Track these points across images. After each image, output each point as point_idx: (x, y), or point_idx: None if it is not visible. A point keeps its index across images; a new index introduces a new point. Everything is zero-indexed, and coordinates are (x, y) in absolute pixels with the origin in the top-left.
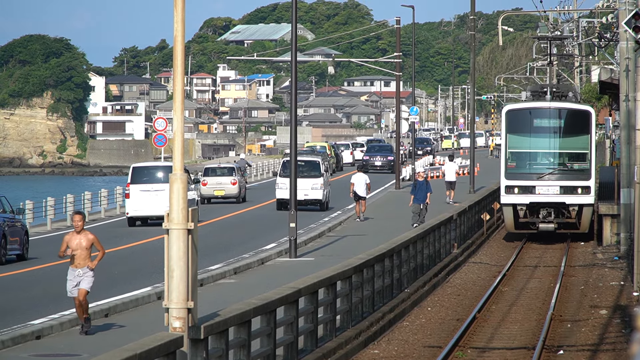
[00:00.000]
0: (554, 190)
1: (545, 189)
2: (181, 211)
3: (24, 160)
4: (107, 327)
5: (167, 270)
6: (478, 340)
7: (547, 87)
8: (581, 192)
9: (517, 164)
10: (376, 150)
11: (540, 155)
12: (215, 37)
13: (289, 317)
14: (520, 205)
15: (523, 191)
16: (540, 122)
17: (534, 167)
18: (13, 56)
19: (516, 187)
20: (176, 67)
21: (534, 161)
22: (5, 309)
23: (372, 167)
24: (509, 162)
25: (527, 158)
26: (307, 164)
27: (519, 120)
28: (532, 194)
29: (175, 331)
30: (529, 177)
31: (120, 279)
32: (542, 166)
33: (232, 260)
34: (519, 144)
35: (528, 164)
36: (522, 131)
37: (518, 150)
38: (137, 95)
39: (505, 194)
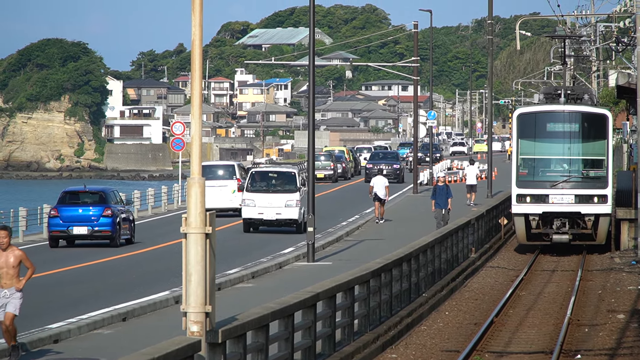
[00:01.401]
0: (568, 199)
1: (559, 197)
2: (199, 215)
3: (41, 164)
4: (125, 331)
5: (185, 275)
6: (495, 344)
7: (561, 89)
8: (597, 201)
9: (529, 171)
10: (380, 158)
11: (554, 161)
12: (233, 41)
13: (306, 322)
14: (532, 215)
15: (535, 200)
16: (553, 127)
17: (547, 174)
18: (31, 60)
19: (528, 195)
20: (194, 71)
21: (547, 168)
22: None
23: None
24: (521, 169)
25: (539, 165)
26: (280, 176)
27: (531, 124)
28: (545, 203)
29: (193, 335)
30: (541, 185)
31: (138, 282)
32: (555, 173)
33: (250, 264)
34: (531, 149)
35: (541, 171)
36: (535, 136)
37: (530, 156)
38: (154, 99)
39: (517, 203)
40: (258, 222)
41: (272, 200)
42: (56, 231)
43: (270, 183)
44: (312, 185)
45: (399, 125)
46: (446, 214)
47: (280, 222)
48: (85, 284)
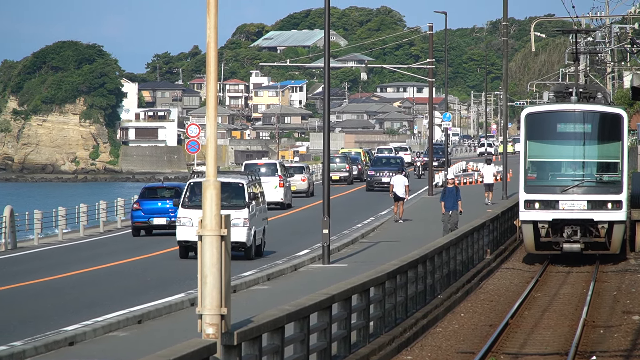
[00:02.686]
0: (580, 205)
1: (571, 203)
2: (214, 218)
3: (56, 166)
4: (140, 333)
5: (201, 277)
6: (511, 346)
7: (572, 87)
8: (611, 207)
9: (538, 175)
10: (383, 164)
11: (565, 165)
12: (248, 43)
13: (322, 324)
14: (541, 223)
15: (545, 206)
16: (564, 127)
17: (558, 178)
18: (46, 62)
19: (537, 201)
20: (209, 73)
21: (558, 172)
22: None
23: (378, 184)
24: (529, 172)
25: (549, 168)
26: (224, 189)
27: (540, 124)
28: (555, 209)
29: (208, 337)
30: (551, 190)
31: (153, 284)
32: (566, 177)
33: (265, 266)
34: (541, 152)
35: (550, 175)
36: (544, 137)
37: (539, 159)
38: (169, 101)
39: (525, 209)
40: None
41: None
42: (139, 222)
43: None
44: (327, 187)
45: (414, 127)
46: (454, 216)
47: None
48: (102, 286)
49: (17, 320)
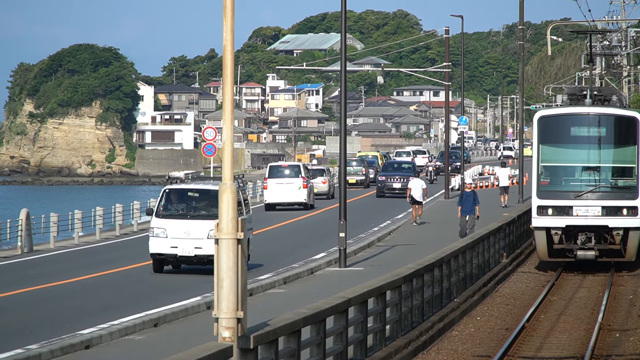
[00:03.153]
0: (594, 211)
1: (585, 209)
2: (231, 221)
3: (72, 169)
4: (156, 336)
5: (217, 280)
6: (527, 349)
7: (586, 89)
8: (627, 213)
9: (551, 180)
10: (394, 169)
11: (579, 169)
12: (265, 46)
13: (338, 327)
14: (554, 229)
15: (558, 212)
16: (578, 131)
17: (571, 183)
18: (62, 65)
19: (550, 207)
20: (225, 76)
21: (571, 177)
22: (56, 319)
23: (389, 190)
24: (542, 178)
25: (563, 173)
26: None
27: (553, 128)
28: (569, 215)
29: (224, 341)
30: (565, 196)
31: (170, 287)
32: (580, 183)
33: (282, 269)
34: (554, 156)
35: (564, 180)
36: (558, 141)
37: (552, 164)
38: (186, 104)
39: (538, 215)
40: (172, 259)
41: (190, 230)
42: None
43: (190, 206)
44: (344, 191)
45: (430, 131)
46: (472, 220)
47: (202, 259)
48: (118, 289)
49: (33, 324)
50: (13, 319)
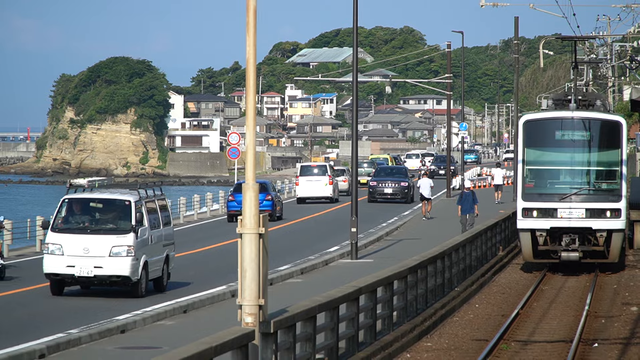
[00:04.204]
0: (578, 213)
1: (569, 212)
2: (253, 217)
3: (109, 170)
4: (185, 322)
5: (241, 271)
6: (521, 334)
7: (571, 94)
8: (610, 215)
9: (536, 183)
10: (386, 174)
11: (563, 172)
12: (284, 59)
13: (350, 313)
14: (539, 231)
15: (543, 214)
16: (563, 134)
17: (556, 186)
18: (100, 76)
19: (535, 209)
20: (248, 86)
21: (556, 180)
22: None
23: (380, 195)
24: (527, 180)
25: (547, 176)
26: (107, 207)
27: (538, 132)
28: (554, 217)
29: (247, 326)
30: (549, 198)
31: (197, 278)
32: (565, 185)
33: (299, 261)
34: (539, 159)
35: (549, 183)
36: (542, 145)
37: (537, 167)
38: (212, 112)
39: (523, 217)
40: (69, 279)
41: (89, 246)
42: (233, 210)
43: (92, 218)
44: (355, 190)
45: (433, 136)
46: (471, 218)
47: (103, 280)
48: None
49: (74, 310)
50: (58, 307)
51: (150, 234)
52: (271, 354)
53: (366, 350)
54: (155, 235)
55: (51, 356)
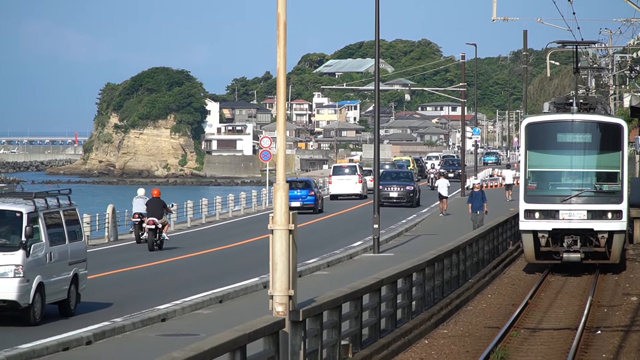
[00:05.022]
0: (580, 215)
1: (570, 213)
2: (284, 215)
3: (151, 172)
4: (221, 311)
5: (272, 264)
6: (530, 322)
7: (572, 98)
8: (612, 217)
9: (538, 185)
10: (392, 178)
11: (565, 174)
12: (311, 69)
13: (373, 303)
14: (541, 232)
15: (545, 216)
16: (564, 137)
17: (558, 188)
18: (142, 85)
19: (537, 211)
20: (279, 94)
21: (558, 182)
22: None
23: (385, 199)
24: (529, 182)
25: (549, 178)
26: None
27: (540, 134)
28: (555, 219)
29: (278, 315)
30: (551, 200)
31: (232, 270)
32: (566, 187)
33: (326, 255)
34: (541, 161)
35: (551, 185)
36: (544, 147)
37: (539, 169)
38: (246, 118)
39: (525, 219)
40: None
41: None
42: None
43: None
44: (377, 190)
45: (449, 140)
46: (481, 216)
47: None
48: (190, 272)
49: (118, 300)
50: (104, 296)
51: (49, 251)
52: (300, 341)
53: (387, 337)
54: (58, 252)
55: (97, 342)
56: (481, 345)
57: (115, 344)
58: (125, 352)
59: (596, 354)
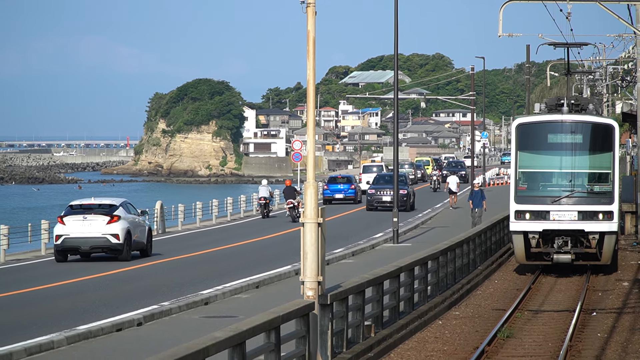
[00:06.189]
0: (570, 215)
1: (561, 214)
2: (313, 209)
3: (195, 171)
4: (258, 295)
5: (303, 253)
6: (533, 304)
7: (563, 98)
8: (603, 218)
9: (528, 186)
10: (386, 182)
11: (556, 175)
12: (337, 80)
13: (392, 288)
14: (532, 233)
15: (535, 217)
16: (555, 138)
17: (548, 189)
18: (187, 94)
19: (527, 212)
20: (309, 103)
21: (549, 182)
22: (183, 282)
23: (378, 203)
24: (520, 183)
25: (540, 179)
26: None
27: (531, 135)
28: (546, 220)
29: (308, 298)
30: (542, 201)
31: (267, 260)
32: (557, 188)
33: (351, 245)
34: (531, 162)
35: (541, 185)
36: (535, 148)
37: (530, 169)
38: (279, 123)
39: (515, 220)
40: None
41: None
42: (327, 196)
43: None
44: (396, 187)
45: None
46: (480, 212)
47: None
48: (230, 260)
49: (165, 287)
50: (153, 283)
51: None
52: (328, 322)
53: (405, 318)
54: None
55: (147, 324)
56: (489, 325)
57: (164, 325)
58: (172, 332)
59: (592, 333)
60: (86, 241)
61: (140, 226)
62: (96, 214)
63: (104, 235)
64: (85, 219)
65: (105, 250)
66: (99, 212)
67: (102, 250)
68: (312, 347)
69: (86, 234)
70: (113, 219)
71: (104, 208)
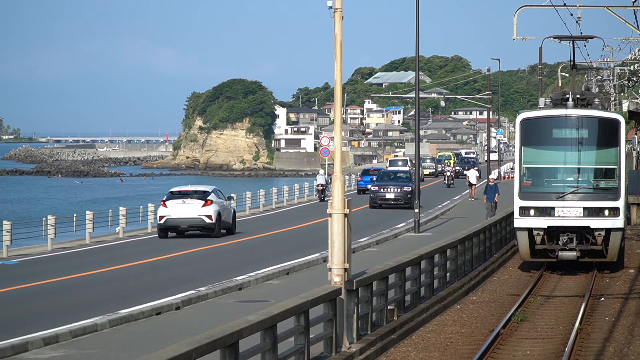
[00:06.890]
0: (576, 212)
1: (566, 210)
2: (340, 201)
3: (229, 166)
4: (288, 281)
5: (330, 242)
6: (545, 290)
7: (569, 93)
8: (609, 214)
9: (533, 182)
10: (389, 179)
11: (561, 171)
12: (363, 80)
13: (414, 274)
14: (536, 230)
15: (540, 213)
16: (560, 133)
17: (553, 185)
18: (222, 94)
19: (532, 208)
20: (336, 101)
21: (553, 178)
22: (217, 269)
23: (382, 200)
24: (524, 179)
25: (544, 175)
26: None
27: (535, 130)
28: (551, 216)
29: (335, 284)
30: (547, 197)
31: (297, 248)
32: (562, 184)
33: (375, 234)
34: (536, 158)
35: (546, 181)
36: (540, 143)
37: (534, 165)
38: (308, 121)
39: (520, 216)
40: None
41: None
42: (361, 187)
43: None
44: (418, 180)
45: (477, 139)
46: (494, 205)
47: None
48: (263, 249)
49: (205, 273)
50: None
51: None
52: (354, 306)
53: (426, 303)
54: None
55: (185, 308)
56: (504, 309)
57: (200, 309)
58: (208, 315)
59: (600, 317)
60: (185, 221)
61: (227, 209)
62: (192, 198)
63: (199, 216)
64: (184, 202)
65: (200, 229)
66: (194, 197)
67: (197, 228)
68: (339, 330)
69: (185, 215)
70: (207, 203)
71: (199, 194)
